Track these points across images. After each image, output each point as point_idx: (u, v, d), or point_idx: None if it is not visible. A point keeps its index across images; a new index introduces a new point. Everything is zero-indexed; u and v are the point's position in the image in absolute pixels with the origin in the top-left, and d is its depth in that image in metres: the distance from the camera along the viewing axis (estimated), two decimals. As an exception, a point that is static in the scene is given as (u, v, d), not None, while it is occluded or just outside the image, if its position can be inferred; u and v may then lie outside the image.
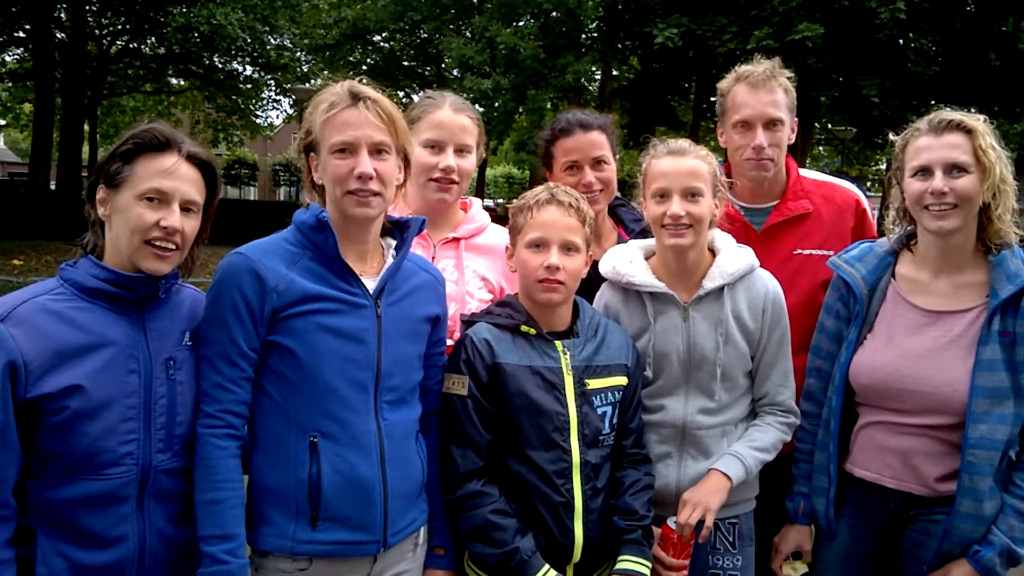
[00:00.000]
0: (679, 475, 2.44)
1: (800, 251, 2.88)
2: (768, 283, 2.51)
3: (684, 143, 2.44)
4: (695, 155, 2.40)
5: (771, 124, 2.80)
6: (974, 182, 2.27)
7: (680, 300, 2.44)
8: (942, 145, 2.30)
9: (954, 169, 2.29)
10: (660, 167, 2.40)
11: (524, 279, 2.32)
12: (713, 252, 2.49)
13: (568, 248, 2.27)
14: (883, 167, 34.24)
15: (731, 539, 2.49)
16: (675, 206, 2.34)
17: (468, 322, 2.36)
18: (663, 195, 2.37)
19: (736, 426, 2.48)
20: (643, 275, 2.46)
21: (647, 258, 2.54)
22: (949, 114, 2.33)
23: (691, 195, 2.35)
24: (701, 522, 2.29)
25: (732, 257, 2.47)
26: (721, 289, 2.44)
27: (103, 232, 2.00)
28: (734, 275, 2.44)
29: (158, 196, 1.94)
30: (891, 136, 2.48)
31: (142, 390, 1.94)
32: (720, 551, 2.48)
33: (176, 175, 1.96)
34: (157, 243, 1.94)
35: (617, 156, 2.90)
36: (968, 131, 2.29)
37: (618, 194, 3.04)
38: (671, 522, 2.32)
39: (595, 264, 2.57)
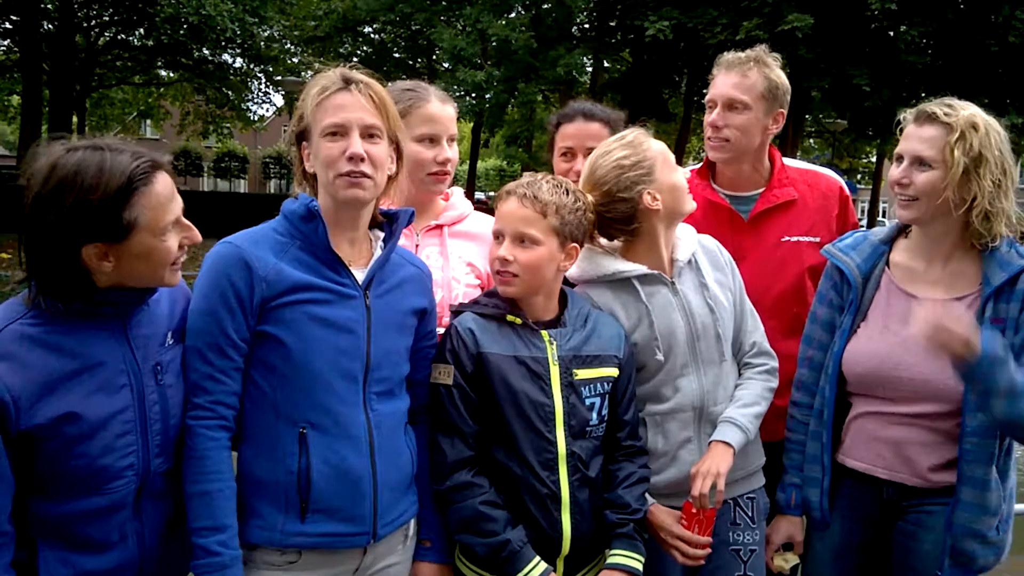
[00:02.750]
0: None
1: (788, 238, 2.89)
2: (708, 239, 2.59)
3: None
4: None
5: (732, 105, 2.80)
6: (935, 178, 2.27)
7: (667, 277, 2.45)
8: (917, 136, 2.31)
9: (918, 162, 2.30)
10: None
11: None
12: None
13: (522, 239, 2.23)
14: (873, 159, 34.37)
15: (751, 514, 2.49)
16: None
17: (456, 312, 2.36)
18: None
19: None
20: (621, 263, 2.44)
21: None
22: (933, 105, 2.32)
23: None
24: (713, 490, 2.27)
25: (678, 231, 2.52)
26: (691, 259, 2.49)
27: (88, 276, 1.82)
28: (692, 243, 2.51)
29: (176, 223, 1.87)
30: (900, 116, 2.47)
31: (135, 403, 1.89)
32: (740, 526, 2.47)
33: (175, 192, 1.88)
34: (178, 261, 1.92)
35: None
36: (947, 126, 2.27)
37: None
38: (690, 499, 2.30)
39: None
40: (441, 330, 2.37)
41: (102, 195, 1.71)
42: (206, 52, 24.76)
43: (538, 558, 2.16)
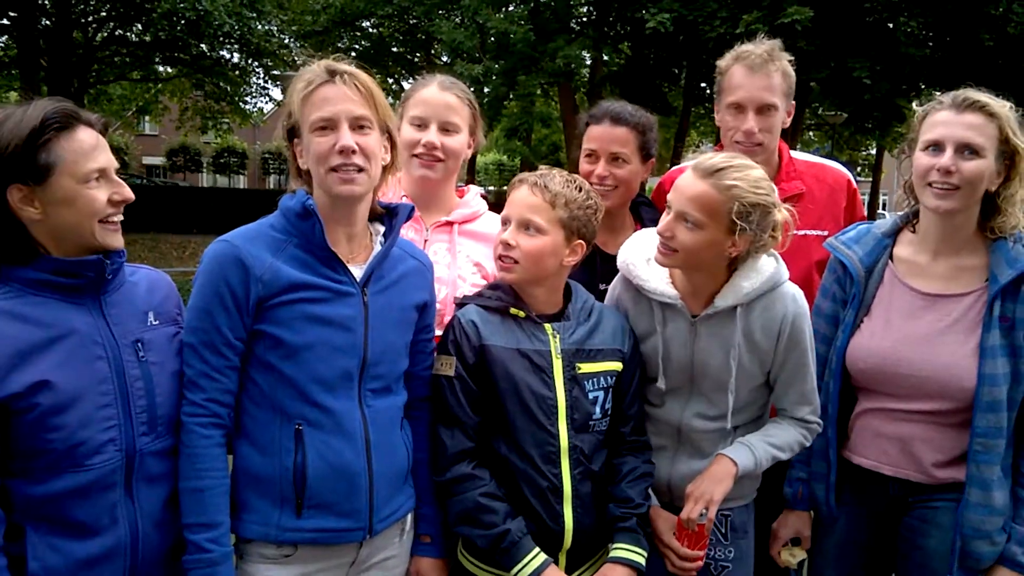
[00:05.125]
0: (671, 469, 2.41)
1: (794, 231, 2.86)
2: (789, 304, 2.31)
3: (719, 162, 2.18)
4: (715, 183, 2.15)
5: (763, 109, 2.78)
6: (982, 167, 2.24)
7: (689, 313, 2.33)
8: (960, 123, 2.25)
9: (966, 150, 2.24)
10: (678, 180, 2.26)
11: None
12: (735, 268, 2.31)
13: (526, 226, 2.23)
14: (873, 152, 34.37)
15: (723, 530, 2.46)
16: (662, 224, 2.24)
17: (460, 304, 2.34)
18: (666, 210, 2.26)
19: (735, 430, 2.40)
20: (656, 281, 2.35)
21: None
22: (975, 94, 2.28)
23: (686, 221, 2.18)
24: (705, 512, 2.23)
25: (751, 275, 2.28)
26: (734, 309, 2.29)
27: (27, 232, 1.87)
28: (749, 295, 2.27)
29: (100, 174, 1.87)
30: (914, 105, 2.44)
31: (114, 375, 1.90)
32: (712, 541, 2.42)
33: (102, 147, 1.89)
34: (112, 219, 1.90)
35: (651, 158, 2.85)
36: (991, 115, 2.24)
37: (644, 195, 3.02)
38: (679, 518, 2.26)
39: (600, 253, 2.58)
40: (439, 333, 2.35)
41: (19, 138, 1.78)
42: (203, 47, 24.68)
43: (537, 549, 2.15)
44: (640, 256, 2.39)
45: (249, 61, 26.33)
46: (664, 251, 2.24)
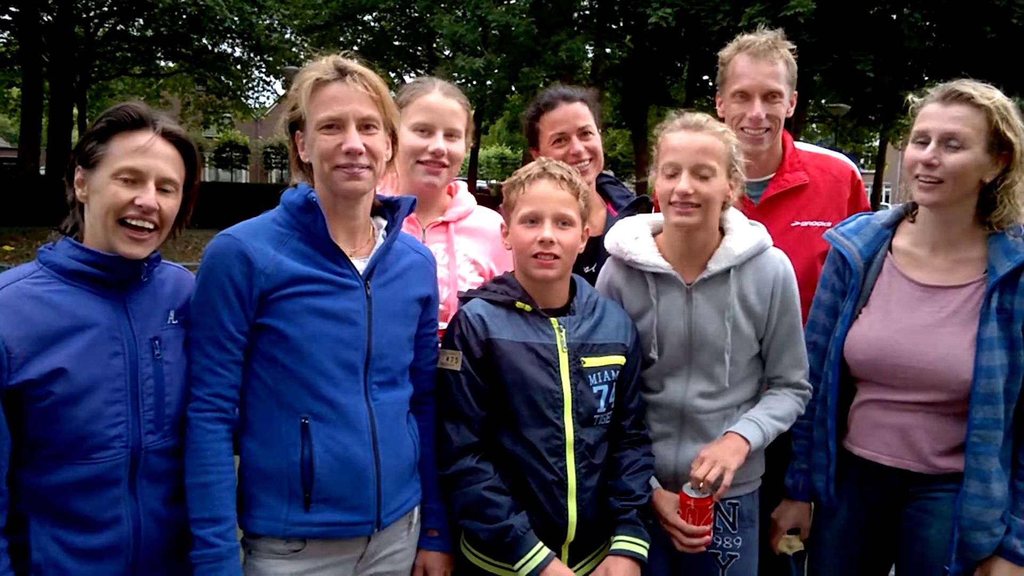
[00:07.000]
0: (677, 456, 2.41)
1: (798, 223, 2.86)
2: (779, 265, 2.38)
3: (700, 118, 2.31)
4: (710, 131, 2.28)
5: (769, 96, 2.78)
6: (968, 158, 2.22)
7: (683, 281, 2.36)
8: (944, 115, 2.25)
9: (950, 141, 2.23)
10: (671, 141, 2.30)
11: (519, 255, 2.29)
12: (723, 232, 2.39)
13: (562, 222, 2.23)
14: (876, 144, 34.32)
15: (731, 519, 2.46)
16: (683, 183, 2.25)
17: (464, 299, 2.35)
18: (673, 171, 2.29)
19: (738, 408, 2.42)
20: (647, 254, 2.38)
21: (655, 234, 2.46)
22: (962, 85, 2.27)
23: (701, 173, 2.27)
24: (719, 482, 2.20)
25: (741, 237, 2.35)
26: (727, 272, 2.35)
27: (83, 214, 1.96)
28: (741, 257, 2.32)
29: (133, 175, 1.89)
30: (910, 98, 2.42)
31: (127, 372, 1.91)
32: (720, 531, 2.43)
33: (151, 152, 1.91)
34: (132, 222, 1.89)
35: (600, 128, 2.91)
36: (977, 106, 2.22)
37: (608, 172, 3.06)
38: (687, 488, 2.25)
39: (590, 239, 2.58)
40: (443, 325, 2.36)
41: (90, 130, 1.97)
42: (205, 42, 24.68)
43: (541, 544, 2.16)
44: (628, 235, 2.43)
45: (251, 56, 26.35)
46: (687, 210, 2.26)
